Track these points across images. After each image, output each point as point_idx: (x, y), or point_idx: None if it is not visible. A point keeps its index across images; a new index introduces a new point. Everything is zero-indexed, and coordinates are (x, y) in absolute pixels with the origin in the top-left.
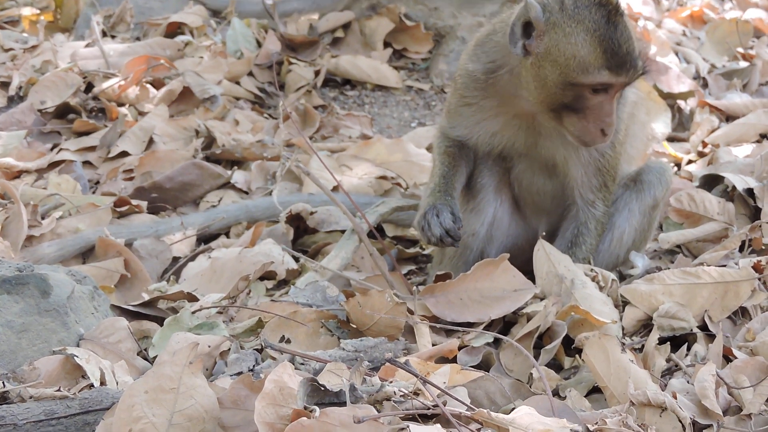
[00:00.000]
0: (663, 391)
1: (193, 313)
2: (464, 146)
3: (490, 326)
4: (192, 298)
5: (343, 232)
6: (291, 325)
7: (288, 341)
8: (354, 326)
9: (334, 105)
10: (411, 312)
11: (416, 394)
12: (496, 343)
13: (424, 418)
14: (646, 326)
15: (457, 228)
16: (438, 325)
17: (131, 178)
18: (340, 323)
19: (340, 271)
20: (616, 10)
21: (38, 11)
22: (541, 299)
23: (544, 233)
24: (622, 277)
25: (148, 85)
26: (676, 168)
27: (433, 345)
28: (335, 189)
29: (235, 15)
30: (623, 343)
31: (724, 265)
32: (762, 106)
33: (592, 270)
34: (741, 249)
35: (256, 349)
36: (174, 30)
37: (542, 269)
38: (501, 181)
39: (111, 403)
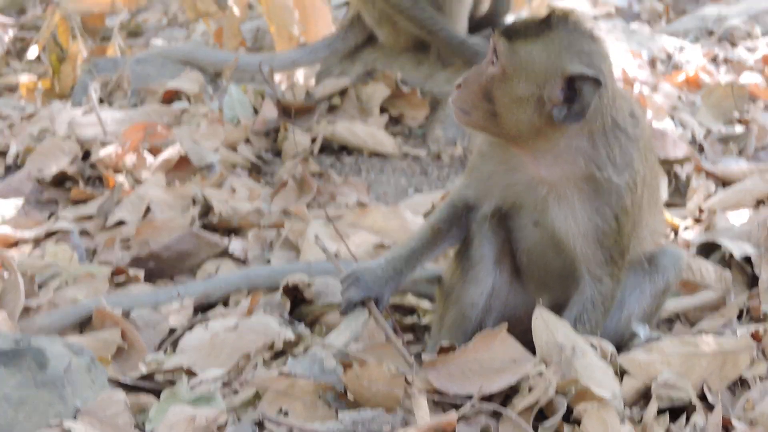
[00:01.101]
0: None
1: (192, 388)
2: (465, 216)
3: (490, 396)
4: (191, 373)
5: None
6: (289, 397)
7: (286, 414)
8: (352, 398)
9: (331, 172)
10: (409, 383)
11: None
12: (495, 413)
13: None
14: (644, 396)
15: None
16: (436, 397)
17: (128, 247)
18: (338, 395)
19: (348, 344)
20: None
21: (35, 78)
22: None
23: (540, 300)
24: (619, 349)
25: (146, 153)
26: (673, 235)
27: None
28: (336, 256)
29: (231, 81)
30: (623, 416)
31: (722, 334)
32: (758, 171)
33: (592, 345)
34: (739, 317)
35: (254, 422)
36: (171, 97)
37: (541, 338)
38: (501, 251)
39: None
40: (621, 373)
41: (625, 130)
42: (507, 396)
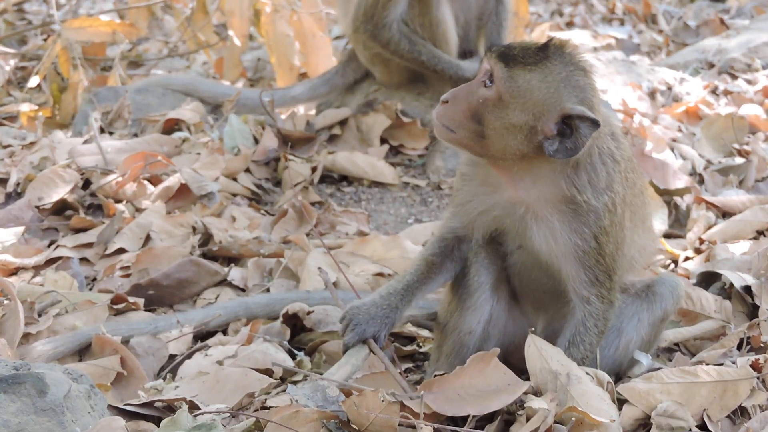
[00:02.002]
0: None
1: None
2: (456, 248)
3: (490, 424)
4: (193, 406)
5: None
6: (292, 425)
7: None
8: (354, 427)
9: (331, 201)
10: (413, 412)
11: None
12: None
13: None
14: (644, 425)
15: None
16: (436, 425)
17: (128, 275)
18: (341, 423)
19: (349, 378)
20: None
21: (36, 107)
22: (535, 394)
23: (533, 329)
24: (619, 378)
25: (146, 182)
26: (673, 265)
27: None
28: (335, 285)
29: (232, 111)
30: None
31: (722, 364)
32: (759, 202)
33: (587, 373)
34: (739, 347)
35: None
36: (171, 126)
37: (535, 366)
38: (498, 278)
39: None
40: (621, 402)
41: (610, 155)
42: (506, 423)
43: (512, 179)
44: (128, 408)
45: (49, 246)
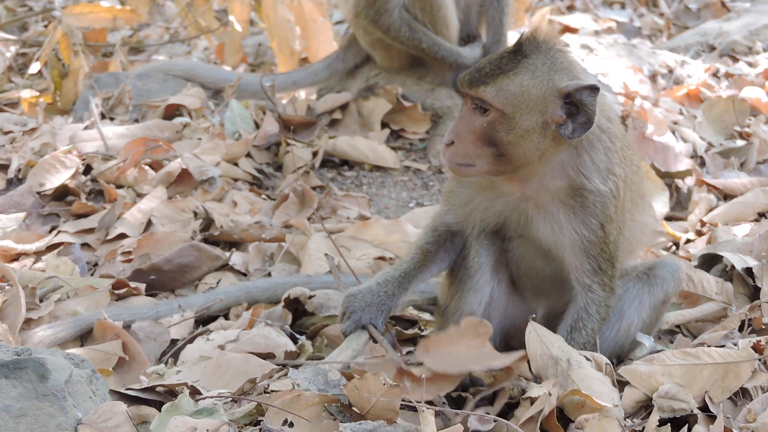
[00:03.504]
0: None
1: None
2: (449, 240)
3: (491, 404)
4: (195, 391)
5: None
6: (293, 409)
7: (291, 425)
8: (356, 410)
9: (332, 186)
10: (414, 378)
11: None
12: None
13: None
14: (646, 407)
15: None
16: (437, 408)
17: (129, 260)
18: (342, 407)
19: (351, 361)
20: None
21: (37, 93)
22: (536, 379)
23: (534, 315)
24: (621, 360)
25: (147, 167)
26: (674, 247)
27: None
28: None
29: (233, 96)
30: (624, 426)
31: (724, 346)
32: (760, 184)
33: (586, 358)
34: (741, 329)
35: None
36: (172, 112)
37: (536, 351)
38: (498, 260)
39: None
40: (622, 384)
41: (608, 131)
42: (509, 406)
43: (520, 181)
44: (130, 393)
45: (50, 232)
